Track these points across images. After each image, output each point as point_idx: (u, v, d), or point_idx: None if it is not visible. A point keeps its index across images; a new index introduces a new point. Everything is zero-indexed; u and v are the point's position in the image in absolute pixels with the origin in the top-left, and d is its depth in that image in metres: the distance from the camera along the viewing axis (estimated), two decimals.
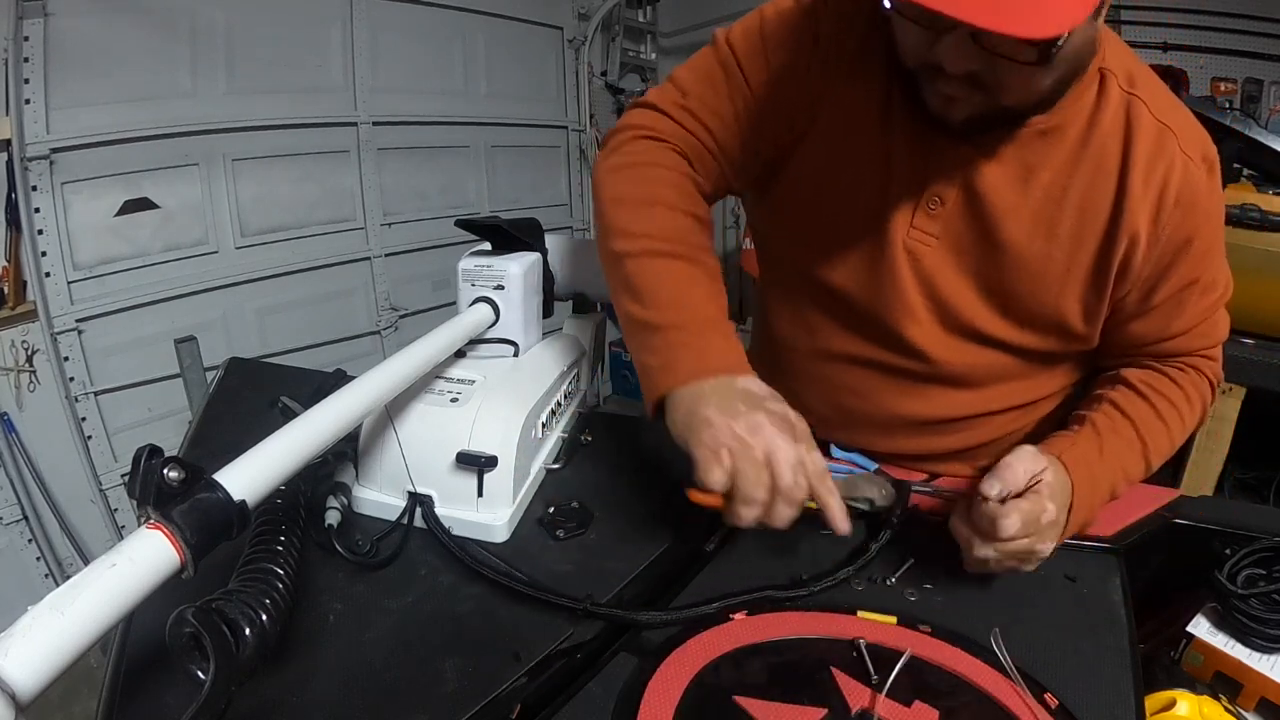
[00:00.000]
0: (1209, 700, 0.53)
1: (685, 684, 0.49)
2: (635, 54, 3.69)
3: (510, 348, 0.76)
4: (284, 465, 0.45)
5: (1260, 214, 1.61)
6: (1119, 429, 0.67)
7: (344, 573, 0.60)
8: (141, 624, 0.48)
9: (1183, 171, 0.63)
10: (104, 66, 1.86)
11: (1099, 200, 0.64)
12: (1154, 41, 2.58)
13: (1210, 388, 0.73)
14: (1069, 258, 0.66)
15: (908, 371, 0.74)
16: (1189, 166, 0.64)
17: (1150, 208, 0.63)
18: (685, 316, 0.64)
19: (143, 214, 2.02)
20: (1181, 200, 0.63)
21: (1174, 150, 0.63)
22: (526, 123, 3.11)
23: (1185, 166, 0.63)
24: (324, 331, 2.51)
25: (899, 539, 0.65)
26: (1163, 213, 0.64)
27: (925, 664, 0.51)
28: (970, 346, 0.72)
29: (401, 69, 2.59)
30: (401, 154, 2.65)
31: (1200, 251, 0.66)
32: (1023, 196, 0.65)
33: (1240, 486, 1.87)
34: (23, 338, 1.82)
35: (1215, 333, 0.72)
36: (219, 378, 0.97)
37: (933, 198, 0.67)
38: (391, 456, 0.66)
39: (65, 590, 0.33)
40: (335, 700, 0.48)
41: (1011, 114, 0.61)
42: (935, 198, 0.67)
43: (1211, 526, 0.67)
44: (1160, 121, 0.63)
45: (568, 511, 0.69)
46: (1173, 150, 0.63)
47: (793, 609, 0.57)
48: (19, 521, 1.85)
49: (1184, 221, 0.64)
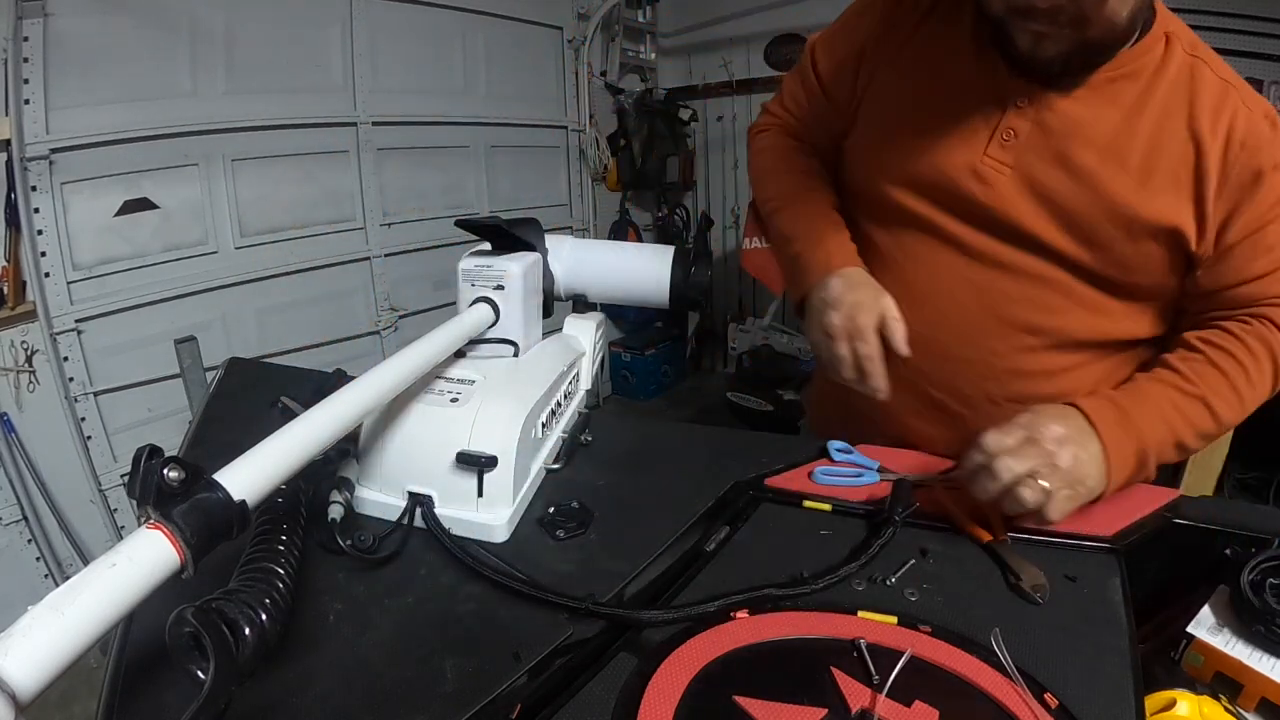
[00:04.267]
0: (1209, 700, 0.53)
1: (685, 684, 0.49)
2: (635, 54, 3.69)
3: (510, 348, 0.76)
4: (284, 465, 0.45)
5: None
6: (1159, 375, 0.71)
7: (344, 573, 0.60)
8: (141, 624, 0.48)
9: (1246, 119, 0.67)
10: (104, 66, 1.87)
11: (1167, 139, 0.69)
12: None
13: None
14: (1140, 184, 0.69)
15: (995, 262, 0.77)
16: (1252, 116, 0.68)
17: (1219, 147, 0.67)
18: (798, 248, 0.84)
19: (142, 214, 2.03)
20: (1248, 144, 0.67)
21: (1237, 102, 0.68)
22: (526, 123, 3.12)
23: (1249, 116, 0.68)
24: (324, 331, 2.52)
25: (899, 539, 0.65)
26: (1230, 152, 0.67)
27: (925, 664, 0.51)
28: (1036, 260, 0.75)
29: (401, 69, 2.59)
30: (401, 154, 2.66)
31: (1272, 192, 0.68)
32: (1094, 129, 0.70)
33: (1240, 486, 1.87)
34: (22, 338, 1.82)
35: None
36: (219, 378, 0.97)
37: (1007, 130, 0.73)
38: (392, 456, 0.66)
39: (65, 590, 0.32)
40: (335, 700, 0.48)
41: (1095, 48, 0.68)
42: (1009, 130, 0.73)
43: (1212, 527, 0.66)
44: (1222, 79, 0.69)
45: (568, 511, 0.69)
46: (1235, 102, 0.68)
47: (793, 608, 0.57)
48: (19, 522, 1.86)
49: (1250, 160, 0.67)
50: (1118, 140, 0.69)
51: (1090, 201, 0.71)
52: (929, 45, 0.78)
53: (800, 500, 0.71)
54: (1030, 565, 0.61)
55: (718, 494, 0.72)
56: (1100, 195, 0.70)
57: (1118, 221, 0.70)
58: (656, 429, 0.89)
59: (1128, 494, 0.71)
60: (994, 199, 0.74)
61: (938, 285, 0.80)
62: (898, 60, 0.80)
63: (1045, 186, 0.72)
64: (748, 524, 0.68)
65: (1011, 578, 0.60)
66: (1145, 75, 0.70)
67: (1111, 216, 0.70)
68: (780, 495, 0.73)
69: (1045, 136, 0.72)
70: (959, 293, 0.79)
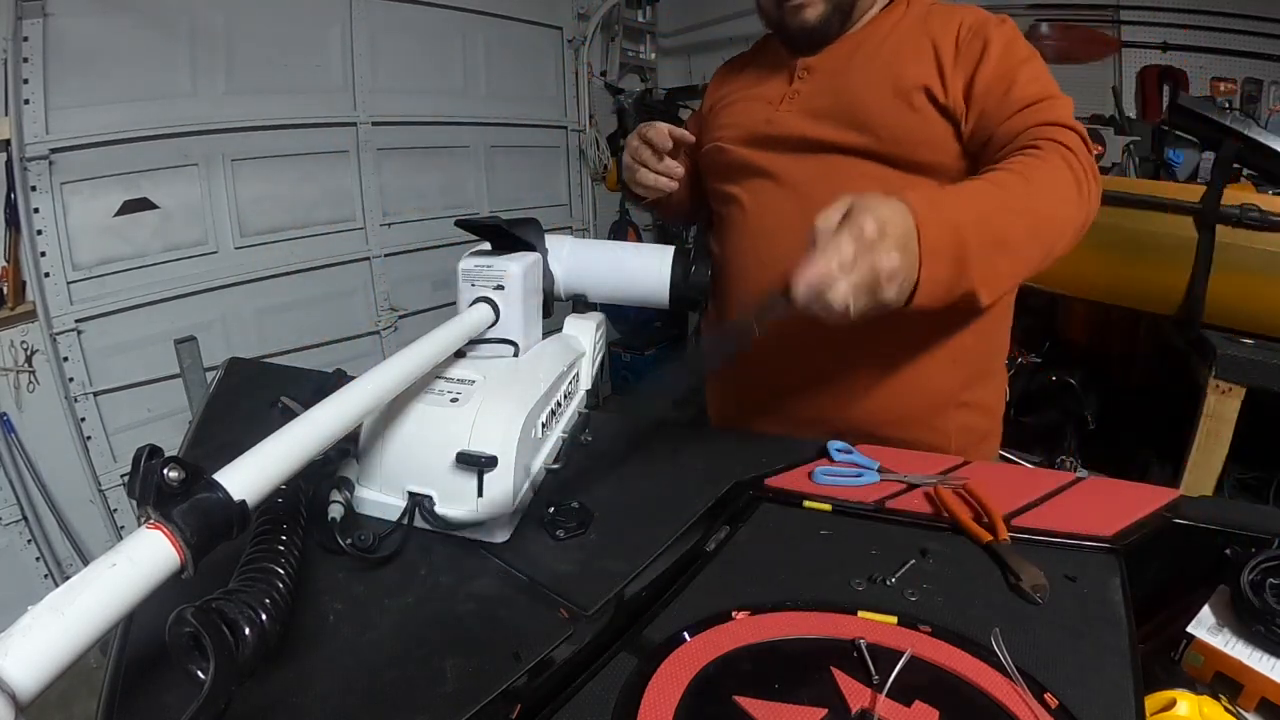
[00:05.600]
0: (1209, 700, 0.53)
1: (685, 684, 0.49)
2: (635, 54, 3.69)
3: (510, 348, 0.76)
4: (284, 465, 0.45)
5: (1260, 214, 1.60)
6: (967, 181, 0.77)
7: (344, 573, 0.60)
8: (141, 624, 0.48)
9: (973, 17, 0.86)
10: (104, 66, 1.87)
11: (909, 49, 0.87)
12: (1154, 41, 2.59)
13: (1067, 149, 0.77)
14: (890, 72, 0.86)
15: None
16: (978, 15, 0.86)
17: (950, 38, 0.85)
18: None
19: (142, 214, 2.03)
20: (975, 29, 0.85)
21: (965, 11, 0.87)
22: (526, 123, 3.12)
23: (976, 15, 0.86)
24: (324, 331, 2.52)
25: (899, 539, 0.65)
26: (960, 38, 0.85)
27: (925, 664, 0.51)
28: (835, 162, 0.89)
29: (401, 69, 2.59)
30: (401, 154, 2.66)
31: (1003, 48, 0.83)
32: (852, 63, 0.91)
33: (1240, 486, 1.86)
34: (22, 338, 1.82)
35: (1058, 110, 0.80)
36: (219, 378, 0.97)
37: (793, 92, 0.95)
38: (392, 456, 0.66)
39: (65, 590, 0.32)
40: (335, 700, 0.48)
41: (845, 8, 0.91)
42: (795, 92, 0.94)
43: (1212, 527, 0.66)
44: (954, 6, 0.89)
45: (568, 511, 0.69)
46: (964, 11, 0.87)
47: (793, 608, 0.57)
48: (18, 522, 1.86)
49: (976, 39, 0.84)
50: (867, 63, 0.89)
51: (850, 99, 0.88)
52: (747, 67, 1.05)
53: (800, 500, 0.71)
54: (1030, 565, 0.61)
55: (718, 494, 0.72)
56: (855, 92, 0.88)
57: (871, 99, 0.87)
58: (656, 429, 0.89)
59: (1128, 494, 0.71)
60: (790, 127, 0.92)
61: (778, 221, 0.94)
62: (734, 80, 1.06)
63: (823, 108, 0.91)
64: (748, 524, 0.68)
65: (1011, 578, 0.60)
66: (888, 23, 0.91)
67: (866, 99, 0.87)
68: (780, 495, 0.73)
69: (818, 84, 0.93)
70: (789, 219, 0.91)
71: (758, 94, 0.99)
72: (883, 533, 0.67)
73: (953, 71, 0.84)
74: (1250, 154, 1.77)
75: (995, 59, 0.82)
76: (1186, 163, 1.90)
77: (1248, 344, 1.65)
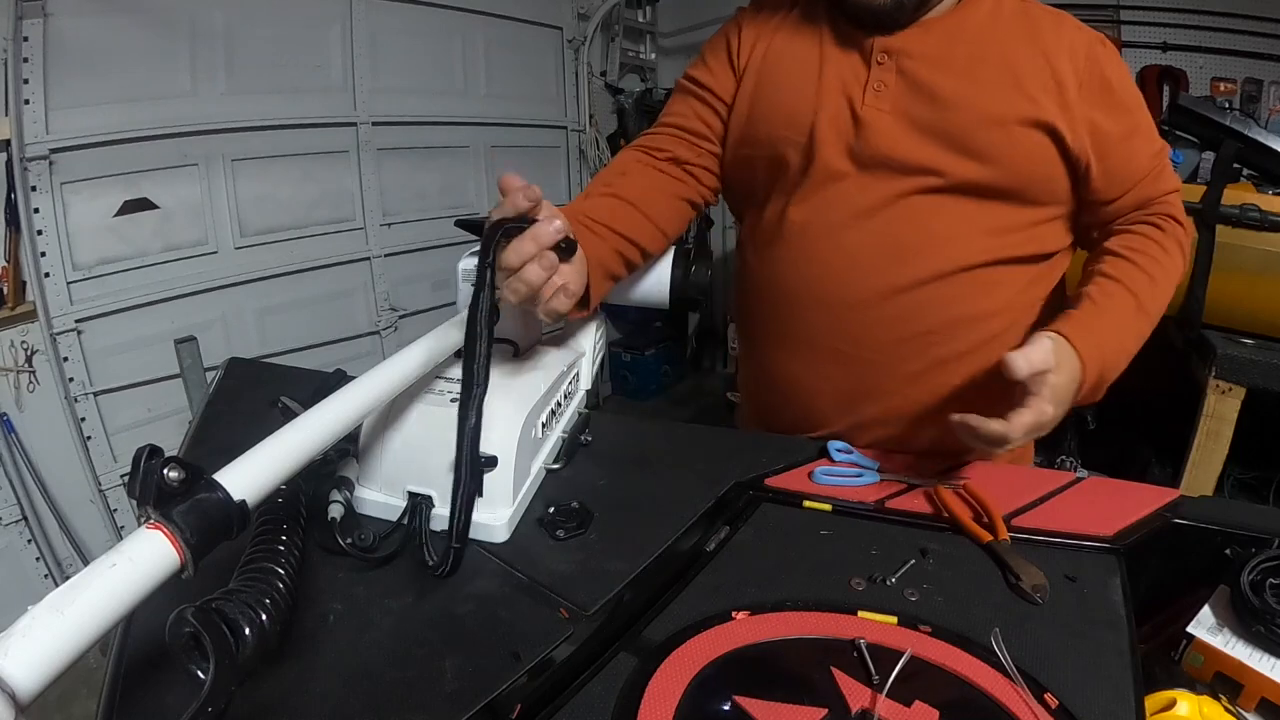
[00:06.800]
0: (1209, 700, 0.53)
1: (685, 684, 0.49)
2: (635, 54, 3.69)
3: (510, 348, 0.76)
4: (284, 465, 0.45)
5: (1260, 214, 1.61)
6: (1112, 293, 0.76)
7: (344, 573, 0.60)
8: (141, 624, 0.48)
9: (1085, 39, 0.78)
10: (104, 66, 1.86)
11: (1018, 58, 0.77)
12: (1154, 41, 2.59)
13: (1182, 230, 0.82)
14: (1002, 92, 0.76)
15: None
16: (1088, 37, 0.78)
17: (1066, 57, 0.76)
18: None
19: (142, 214, 2.02)
20: (1091, 55, 0.77)
21: (1073, 25, 0.79)
22: (526, 123, 3.11)
23: (1085, 37, 0.78)
24: (324, 331, 2.51)
25: (899, 539, 0.66)
26: (1077, 62, 0.76)
27: (925, 664, 0.51)
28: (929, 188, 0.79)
29: (401, 69, 2.59)
30: (401, 154, 2.65)
31: (1125, 96, 0.78)
32: (948, 61, 0.78)
33: (1240, 486, 1.87)
34: (22, 338, 1.82)
35: (1169, 179, 0.83)
36: (219, 378, 0.97)
37: (878, 83, 0.79)
38: (392, 456, 0.66)
39: (65, 590, 0.32)
40: (335, 700, 0.48)
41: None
42: (880, 82, 0.79)
43: (1212, 527, 0.66)
44: (1054, 11, 0.80)
45: (568, 511, 0.69)
46: (1071, 25, 0.79)
47: (793, 608, 0.57)
48: (19, 522, 1.85)
49: (1096, 69, 0.77)
50: (972, 65, 0.77)
51: (963, 118, 0.76)
52: (796, 34, 0.85)
53: (800, 500, 0.72)
54: (1030, 565, 0.61)
55: (718, 494, 0.72)
56: (969, 109, 0.76)
57: (990, 124, 0.76)
58: (656, 429, 0.89)
59: (1128, 494, 0.71)
60: (879, 139, 0.79)
61: (846, 260, 0.82)
62: (773, 39, 0.86)
63: (921, 119, 0.78)
64: (748, 524, 0.68)
65: (1011, 578, 0.60)
66: (981, 15, 0.79)
67: (984, 122, 0.76)
68: (780, 495, 0.73)
69: (909, 78, 0.78)
70: (859, 255, 0.82)
71: (830, 76, 0.81)
72: (883, 533, 0.67)
73: (1077, 110, 0.76)
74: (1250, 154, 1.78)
75: (1119, 109, 0.77)
76: (1186, 163, 1.90)
77: (1248, 344, 1.65)
